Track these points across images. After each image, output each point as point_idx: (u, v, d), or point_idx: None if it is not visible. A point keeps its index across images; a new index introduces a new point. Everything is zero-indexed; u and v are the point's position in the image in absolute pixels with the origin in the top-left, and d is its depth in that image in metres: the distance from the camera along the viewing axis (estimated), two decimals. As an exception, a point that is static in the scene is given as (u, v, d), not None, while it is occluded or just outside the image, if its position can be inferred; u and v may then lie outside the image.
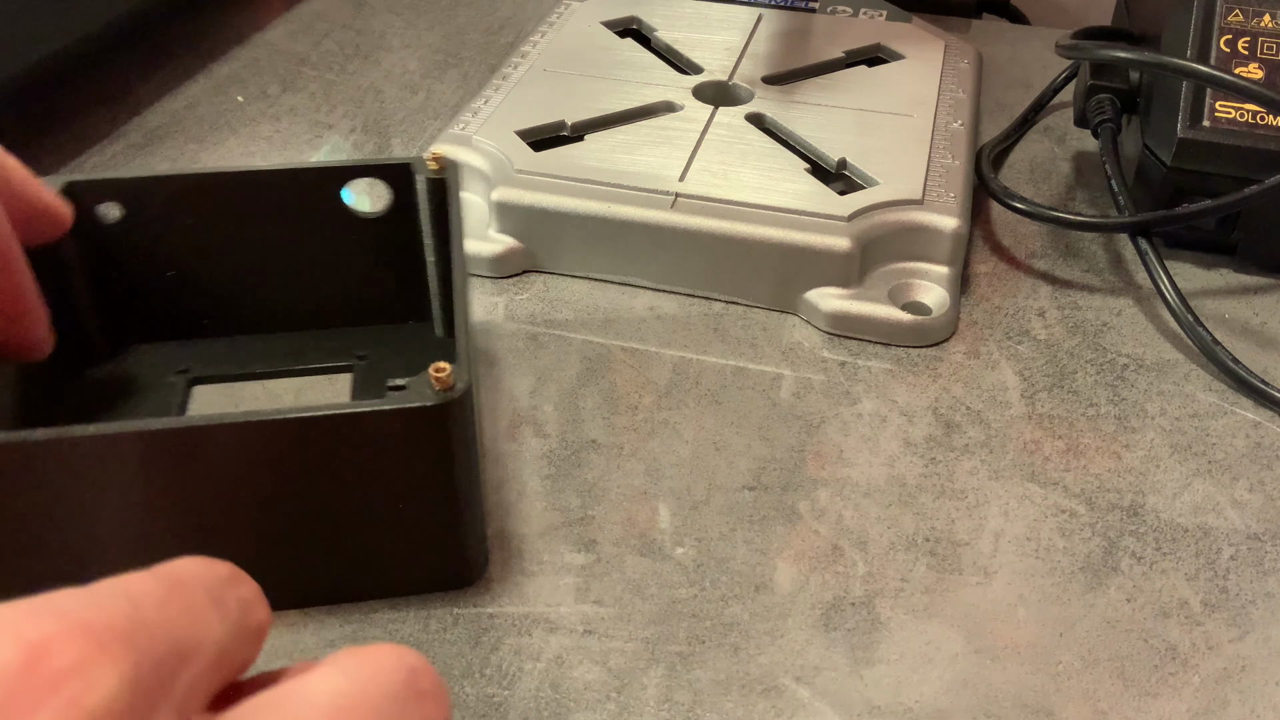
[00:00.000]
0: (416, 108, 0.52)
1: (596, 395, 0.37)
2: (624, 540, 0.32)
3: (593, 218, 0.40)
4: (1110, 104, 0.45)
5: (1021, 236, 0.45)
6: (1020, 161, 0.50)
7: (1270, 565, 0.32)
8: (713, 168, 0.42)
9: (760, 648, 0.29)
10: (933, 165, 0.43)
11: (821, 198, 0.41)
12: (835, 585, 0.31)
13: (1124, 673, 0.29)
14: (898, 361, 0.39)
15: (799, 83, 0.49)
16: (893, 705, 0.28)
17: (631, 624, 0.30)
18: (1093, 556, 0.32)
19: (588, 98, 0.46)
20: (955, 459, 0.35)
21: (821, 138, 0.44)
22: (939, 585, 0.31)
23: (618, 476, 0.34)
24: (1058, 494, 0.34)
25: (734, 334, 0.40)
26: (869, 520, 0.33)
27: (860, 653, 0.29)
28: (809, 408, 0.37)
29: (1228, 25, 0.44)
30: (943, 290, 0.40)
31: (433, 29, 0.59)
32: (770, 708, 0.28)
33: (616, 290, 0.42)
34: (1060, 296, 0.42)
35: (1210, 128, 0.41)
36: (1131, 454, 0.35)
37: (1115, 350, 0.39)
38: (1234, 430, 0.36)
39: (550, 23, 0.53)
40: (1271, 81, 0.42)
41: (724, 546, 0.32)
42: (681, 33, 0.52)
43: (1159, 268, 0.41)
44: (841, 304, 0.39)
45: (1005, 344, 0.40)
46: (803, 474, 0.34)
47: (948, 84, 0.49)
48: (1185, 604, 0.31)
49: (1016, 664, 0.29)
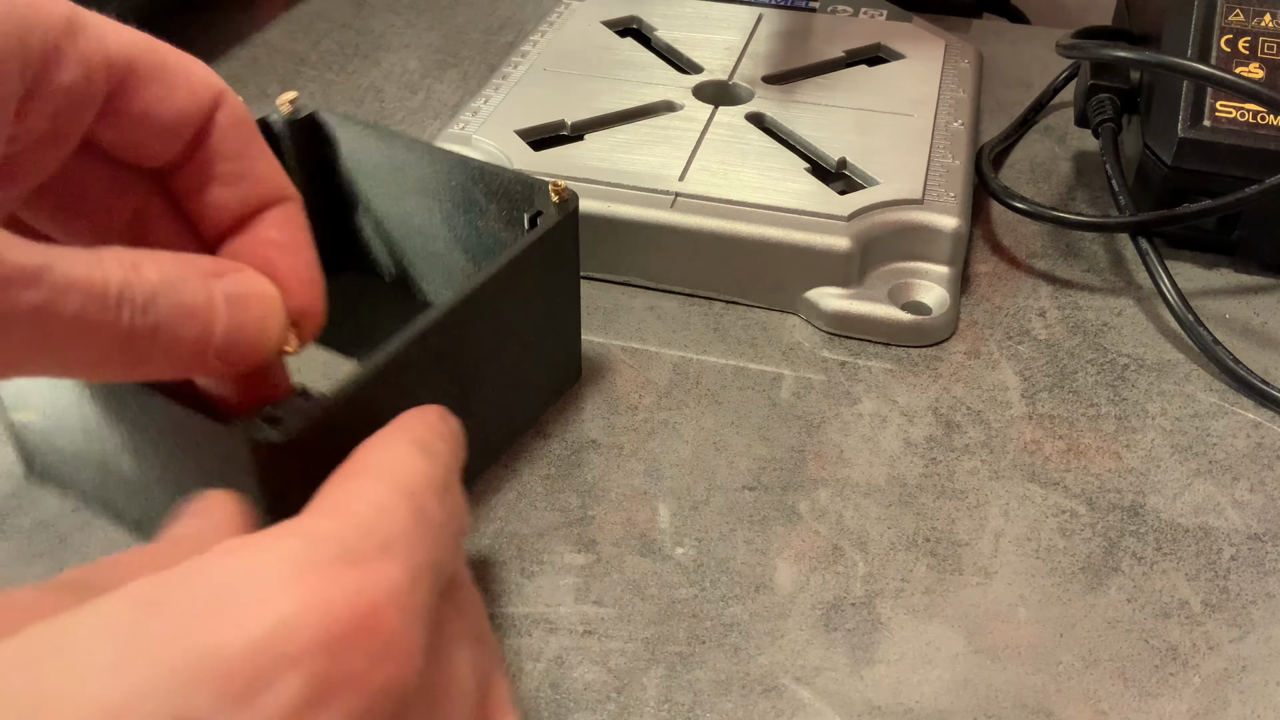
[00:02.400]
0: (416, 107, 0.52)
1: (596, 395, 0.37)
2: (624, 540, 0.32)
3: (592, 217, 0.40)
4: (1111, 104, 0.45)
5: (1022, 236, 0.45)
6: (1020, 161, 0.50)
7: (1271, 565, 0.32)
8: (713, 167, 0.42)
9: (760, 648, 0.29)
10: (933, 165, 0.43)
11: (821, 197, 0.41)
12: (835, 585, 0.31)
13: (1124, 673, 0.29)
14: (898, 361, 0.39)
15: (799, 82, 0.49)
16: (893, 705, 0.28)
17: (631, 624, 0.30)
18: (1093, 557, 0.32)
19: (588, 97, 0.46)
20: (955, 459, 0.35)
21: (821, 137, 0.44)
22: (939, 585, 0.31)
23: (618, 476, 0.34)
24: (1058, 494, 0.34)
25: (734, 334, 0.40)
26: (869, 520, 0.33)
27: (860, 653, 0.29)
28: (809, 408, 0.37)
29: (1228, 25, 0.44)
30: (943, 290, 0.40)
31: (433, 29, 0.59)
32: (770, 708, 0.28)
33: (616, 290, 0.42)
34: (1060, 296, 0.42)
35: (1211, 128, 0.41)
36: (1132, 454, 0.35)
37: (1116, 350, 0.39)
38: (1234, 430, 0.36)
39: (550, 22, 0.53)
40: (1272, 81, 0.42)
41: (724, 546, 0.32)
42: (682, 32, 0.52)
43: (1159, 268, 0.40)
44: (841, 304, 0.39)
45: (1005, 344, 0.40)
46: (803, 474, 0.34)
47: (948, 83, 0.49)
48: (1186, 604, 0.31)
49: (1017, 664, 0.29)
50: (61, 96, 0.21)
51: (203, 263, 0.23)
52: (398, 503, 0.20)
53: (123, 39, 0.23)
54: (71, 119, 0.22)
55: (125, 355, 0.21)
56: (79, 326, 0.20)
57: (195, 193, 0.25)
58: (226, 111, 0.24)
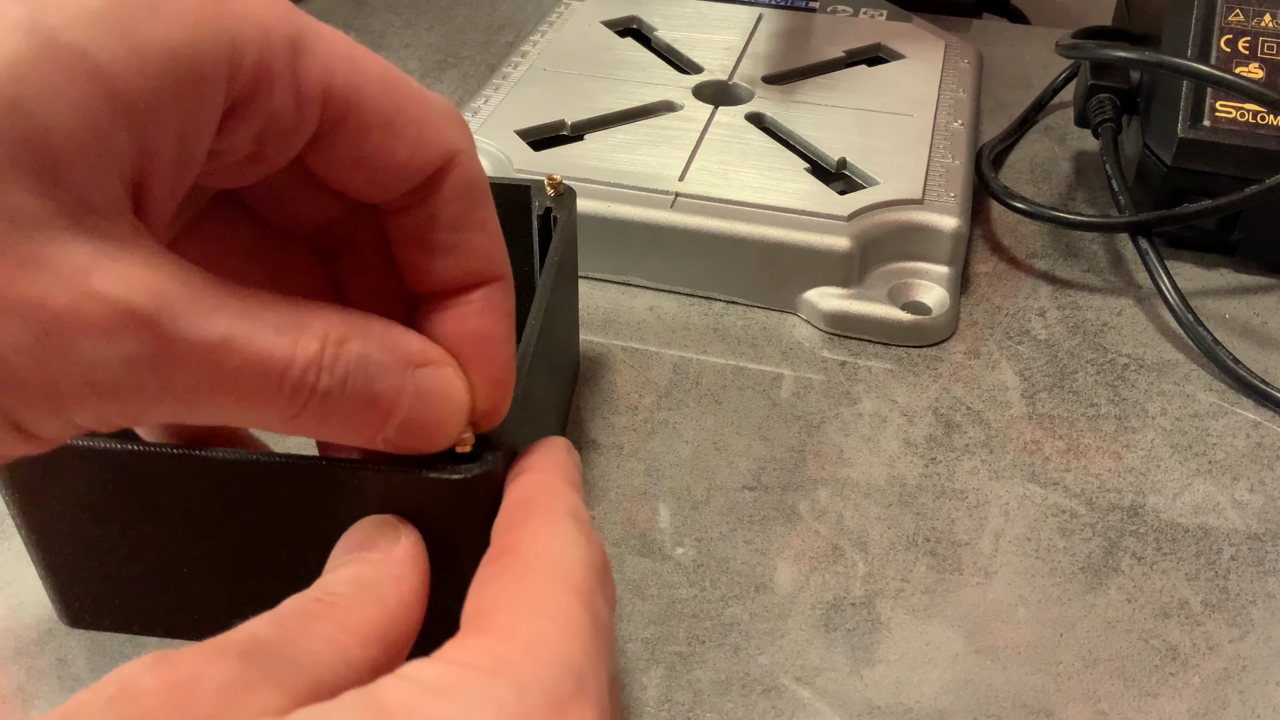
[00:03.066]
0: (416, 107, 0.52)
1: (596, 395, 0.37)
2: (624, 540, 0.32)
3: (592, 217, 0.40)
4: (1110, 104, 0.45)
5: (1021, 236, 0.45)
6: (1020, 161, 0.50)
7: (1270, 565, 0.32)
8: (712, 167, 0.42)
9: (760, 648, 0.29)
10: (933, 165, 0.43)
11: (821, 197, 0.41)
12: (835, 585, 0.31)
13: (1124, 673, 0.29)
14: (898, 361, 0.39)
15: (799, 82, 0.49)
16: (893, 705, 0.28)
17: (631, 624, 0.30)
18: (1093, 556, 0.32)
19: (588, 97, 0.46)
20: (955, 459, 0.35)
21: (821, 137, 0.44)
22: (939, 585, 0.31)
23: (618, 476, 0.34)
24: (1058, 494, 0.34)
25: (734, 334, 0.40)
26: (869, 520, 0.33)
27: (860, 653, 0.29)
28: (809, 408, 0.37)
29: (1228, 25, 0.44)
30: (943, 290, 0.40)
31: (433, 29, 0.59)
32: (770, 708, 0.28)
33: (616, 290, 0.42)
34: (1060, 296, 0.42)
35: (1210, 128, 0.41)
36: (1132, 454, 0.35)
37: (1115, 350, 0.39)
38: (1234, 430, 0.36)
39: (550, 22, 0.53)
40: (1272, 81, 0.42)
41: (724, 546, 0.32)
42: (681, 32, 0.52)
43: (1159, 268, 0.40)
44: (841, 304, 0.39)
45: (1005, 344, 0.40)
46: (803, 474, 0.34)
47: (948, 84, 0.49)
48: (1185, 604, 0.31)
49: (1017, 664, 0.29)
50: (267, 122, 0.19)
51: (410, 346, 0.21)
52: (581, 613, 0.19)
53: (355, 74, 0.20)
54: (276, 146, 0.20)
55: (288, 426, 0.20)
56: (239, 401, 0.19)
57: (406, 246, 0.23)
58: (458, 175, 0.22)
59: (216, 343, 0.18)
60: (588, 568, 0.20)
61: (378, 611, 0.20)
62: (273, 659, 0.18)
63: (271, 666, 0.18)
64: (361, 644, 0.19)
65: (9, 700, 0.28)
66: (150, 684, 0.16)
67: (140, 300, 0.17)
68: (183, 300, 0.17)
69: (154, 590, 0.26)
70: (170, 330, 0.17)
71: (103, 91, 0.17)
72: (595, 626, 0.19)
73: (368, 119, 0.20)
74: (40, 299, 0.16)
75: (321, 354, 0.19)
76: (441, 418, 0.22)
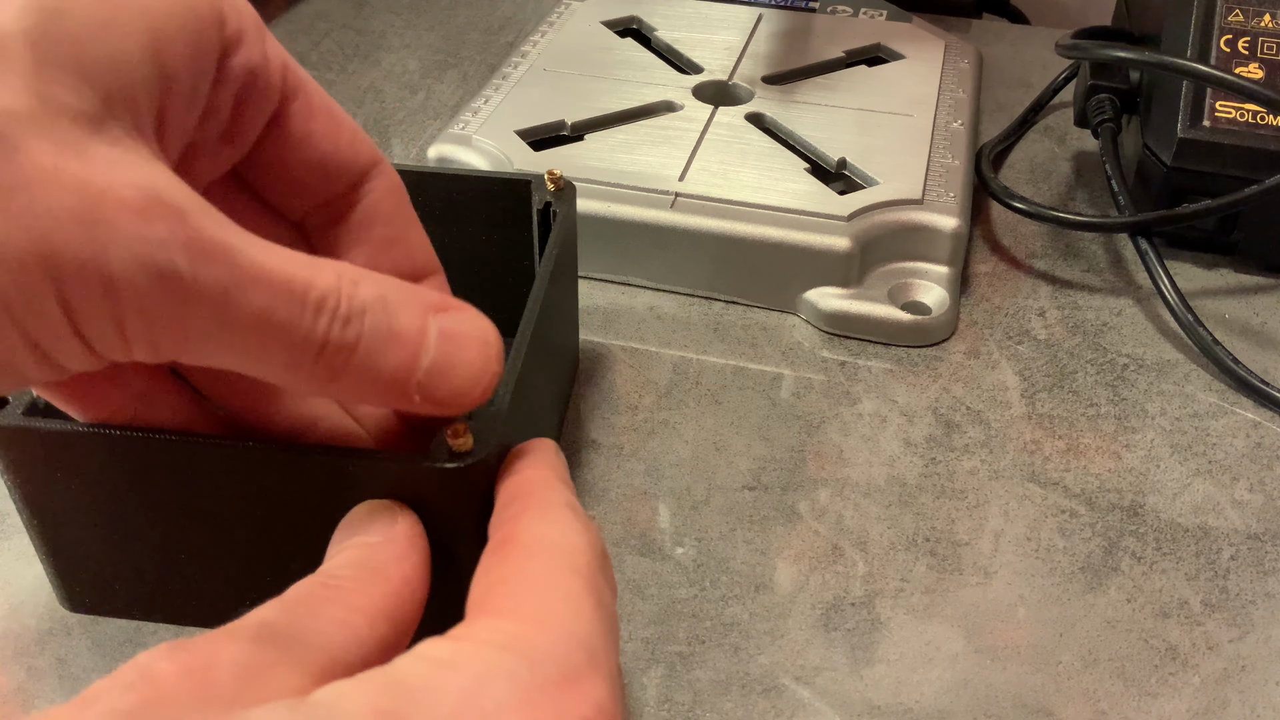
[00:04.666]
0: (416, 108, 0.52)
1: (596, 395, 0.37)
2: (624, 540, 0.32)
3: (593, 217, 0.40)
4: (1110, 104, 0.45)
5: (1021, 236, 0.45)
6: (1020, 161, 0.50)
7: (1270, 565, 0.32)
8: (713, 167, 0.42)
9: (760, 648, 0.29)
10: (933, 165, 0.43)
11: (821, 197, 0.41)
12: (835, 585, 0.31)
13: (1124, 673, 0.29)
14: (898, 361, 0.39)
15: (799, 82, 0.49)
16: (893, 705, 0.28)
17: (631, 624, 0.30)
18: (1093, 556, 0.32)
19: (588, 97, 0.46)
20: (955, 459, 0.35)
21: (821, 137, 0.44)
22: (939, 585, 0.31)
23: (618, 476, 0.34)
24: (1058, 494, 0.34)
25: (734, 334, 0.40)
26: (869, 520, 0.33)
27: (860, 653, 0.29)
28: (809, 408, 0.37)
29: (1228, 25, 0.44)
30: (943, 290, 0.40)
31: (433, 29, 0.59)
32: (770, 708, 0.28)
33: (616, 290, 0.42)
34: (1060, 296, 0.42)
35: (1210, 128, 0.41)
36: (1131, 454, 0.35)
37: (1115, 350, 0.39)
38: (1234, 430, 0.36)
39: (550, 22, 0.53)
40: (1272, 81, 0.42)
41: (724, 546, 0.32)
42: (681, 32, 0.52)
43: (1159, 268, 0.41)
44: (841, 304, 0.39)
45: (1005, 344, 0.40)
46: (803, 474, 0.34)
47: (948, 84, 0.49)
48: (1185, 604, 0.31)
49: (1017, 664, 0.29)
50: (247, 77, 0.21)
51: (427, 295, 0.22)
52: (585, 594, 0.19)
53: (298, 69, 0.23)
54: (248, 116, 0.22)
55: (319, 366, 0.20)
56: (265, 322, 0.19)
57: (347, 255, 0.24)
58: (385, 177, 0.24)
59: (238, 246, 0.19)
60: (589, 552, 0.20)
61: (383, 591, 0.20)
62: (287, 641, 0.18)
63: (286, 648, 0.18)
64: (370, 623, 0.19)
65: (9, 700, 0.28)
66: (167, 668, 0.17)
67: (170, 193, 0.18)
68: (205, 208, 0.19)
69: (155, 576, 0.26)
70: (197, 224, 0.18)
71: (139, 13, 0.19)
72: (601, 607, 0.19)
73: (314, 104, 0.23)
74: (89, 177, 0.17)
75: (339, 284, 0.20)
76: (472, 359, 0.22)
